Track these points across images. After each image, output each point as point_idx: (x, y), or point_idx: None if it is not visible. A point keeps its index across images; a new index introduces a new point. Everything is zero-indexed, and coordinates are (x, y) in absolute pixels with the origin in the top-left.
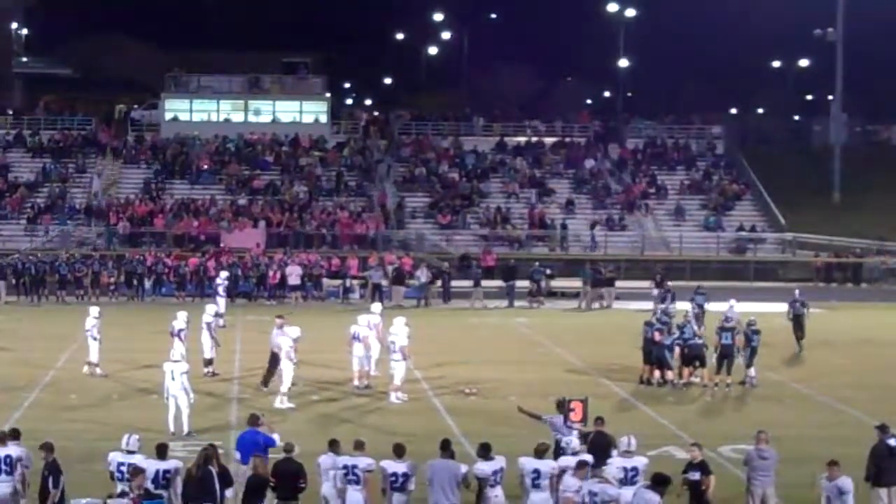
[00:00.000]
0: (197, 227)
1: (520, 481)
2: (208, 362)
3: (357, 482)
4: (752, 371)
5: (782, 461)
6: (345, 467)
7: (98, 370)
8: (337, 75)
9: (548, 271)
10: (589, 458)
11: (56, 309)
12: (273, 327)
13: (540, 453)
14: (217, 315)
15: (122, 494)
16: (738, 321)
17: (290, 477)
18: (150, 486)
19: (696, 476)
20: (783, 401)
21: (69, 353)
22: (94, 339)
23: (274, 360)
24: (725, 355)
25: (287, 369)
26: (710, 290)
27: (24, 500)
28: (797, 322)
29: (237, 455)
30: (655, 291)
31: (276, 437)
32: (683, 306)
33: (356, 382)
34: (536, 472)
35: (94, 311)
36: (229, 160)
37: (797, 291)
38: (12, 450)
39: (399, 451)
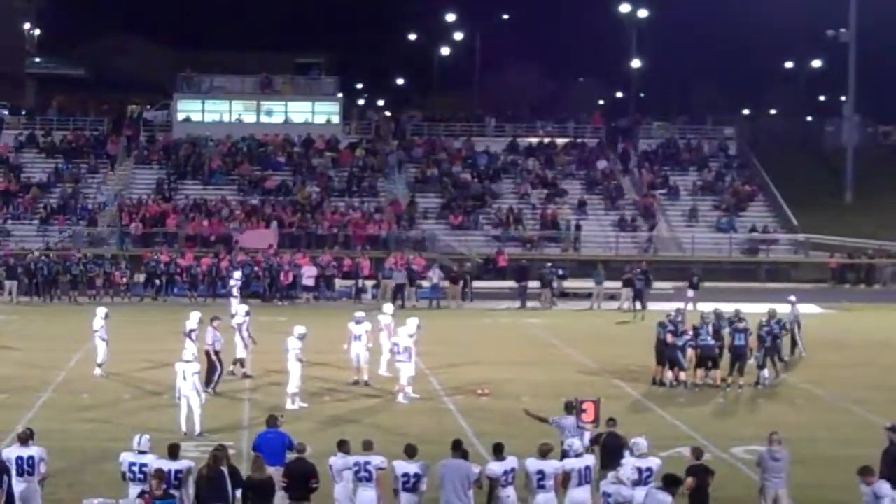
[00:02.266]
0: (209, 228)
1: (525, 483)
2: (240, 362)
3: (369, 480)
4: (765, 372)
5: (795, 462)
6: (356, 465)
7: (98, 370)
8: (349, 76)
9: (560, 272)
10: (592, 459)
11: (68, 309)
12: (207, 327)
13: (544, 454)
14: (233, 315)
15: (142, 494)
16: (796, 318)
17: (303, 477)
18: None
19: None
20: (795, 402)
21: (81, 354)
22: (103, 339)
23: (212, 361)
24: (738, 356)
25: (294, 370)
26: (722, 291)
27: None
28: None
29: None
30: (690, 293)
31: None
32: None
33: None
34: (541, 472)
35: (101, 311)
36: (241, 160)
37: (792, 297)
38: (34, 450)
39: (411, 452)
